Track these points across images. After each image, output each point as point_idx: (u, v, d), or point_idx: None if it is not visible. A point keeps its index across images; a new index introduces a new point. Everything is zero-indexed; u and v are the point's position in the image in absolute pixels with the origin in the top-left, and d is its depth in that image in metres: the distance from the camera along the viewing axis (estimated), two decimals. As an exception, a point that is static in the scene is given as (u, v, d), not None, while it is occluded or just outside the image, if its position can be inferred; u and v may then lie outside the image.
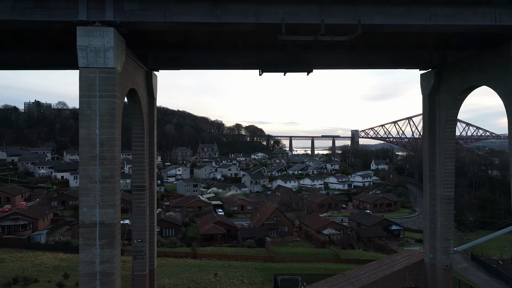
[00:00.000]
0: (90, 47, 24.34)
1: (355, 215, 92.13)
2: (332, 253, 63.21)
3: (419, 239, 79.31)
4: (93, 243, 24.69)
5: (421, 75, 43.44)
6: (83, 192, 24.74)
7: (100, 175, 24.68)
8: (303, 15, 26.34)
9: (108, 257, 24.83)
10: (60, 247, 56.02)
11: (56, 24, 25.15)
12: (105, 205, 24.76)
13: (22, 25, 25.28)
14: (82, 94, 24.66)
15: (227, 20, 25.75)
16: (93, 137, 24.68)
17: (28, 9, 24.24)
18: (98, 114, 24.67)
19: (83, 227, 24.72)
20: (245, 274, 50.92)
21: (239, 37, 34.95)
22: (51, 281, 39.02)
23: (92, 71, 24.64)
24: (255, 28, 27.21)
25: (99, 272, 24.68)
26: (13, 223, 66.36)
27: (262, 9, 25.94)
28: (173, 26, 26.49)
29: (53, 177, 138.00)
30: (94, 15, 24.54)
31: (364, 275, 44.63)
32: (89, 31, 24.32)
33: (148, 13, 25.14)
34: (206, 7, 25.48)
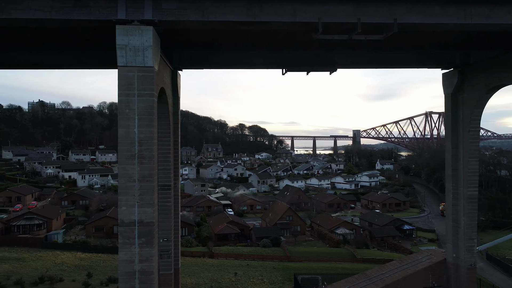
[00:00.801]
0: (129, 46, 24.34)
1: (366, 214, 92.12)
2: (347, 253, 63.21)
3: (431, 238, 79.41)
4: (132, 242, 24.69)
5: (443, 74, 43.40)
6: (122, 191, 24.73)
7: (139, 174, 24.66)
8: (338, 14, 26.32)
9: (147, 256, 24.84)
10: (77, 246, 56.07)
11: (93, 23, 25.18)
12: (144, 204, 24.77)
13: (60, 24, 25.30)
14: (121, 93, 24.64)
15: (264, 19, 25.73)
16: (132, 136, 24.66)
17: (67, 8, 24.22)
18: (137, 113, 24.64)
19: (122, 226, 24.72)
20: (264, 273, 50.95)
21: (263, 36, 35.00)
22: (76, 280, 39.05)
23: (130, 70, 24.63)
24: (290, 27, 27.19)
25: (138, 271, 24.69)
26: (27, 222, 66.42)
27: (299, 8, 25.93)
28: (209, 25, 26.49)
29: (60, 176, 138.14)
30: (133, 14, 24.54)
31: (386, 275, 44.63)
32: (128, 30, 24.32)
33: (185, 12, 25.14)
34: (243, 6, 25.46)
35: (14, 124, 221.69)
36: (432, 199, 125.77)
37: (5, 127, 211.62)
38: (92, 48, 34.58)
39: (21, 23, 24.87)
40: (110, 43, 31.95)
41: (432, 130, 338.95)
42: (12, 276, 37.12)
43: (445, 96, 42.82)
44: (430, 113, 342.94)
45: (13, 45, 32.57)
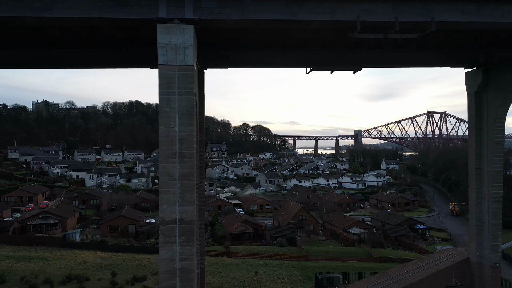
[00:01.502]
0: (170, 45, 24.36)
1: (378, 214, 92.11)
2: (363, 252, 63.21)
3: (444, 238, 79.41)
4: (173, 241, 24.73)
5: (466, 73, 43.34)
6: (163, 190, 24.76)
7: (180, 172, 24.69)
8: (377, 12, 26.33)
9: (188, 254, 24.87)
10: (95, 245, 56.12)
11: (133, 22, 25.19)
12: (185, 202, 24.79)
13: (100, 23, 25.31)
14: (162, 92, 24.67)
15: (302, 17, 25.76)
16: (172, 134, 24.69)
17: (107, 6, 24.26)
18: (177, 111, 24.68)
19: (163, 224, 24.76)
20: (283, 272, 50.98)
21: (290, 35, 35.05)
22: (102, 279, 39.09)
23: (171, 69, 24.66)
24: (328, 25, 27.18)
25: (179, 269, 24.72)
26: (43, 222, 66.51)
27: (337, 6, 25.93)
28: (248, 24, 26.50)
29: (68, 176, 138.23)
30: (173, 12, 24.57)
31: (409, 274, 44.62)
32: (170, 28, 24.34)
33: (225, 11, 25.16)
34: (282, 5, 25.49)
35: (19, 124, 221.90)
36: (440, 199, 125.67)
37: (10, 127, 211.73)
38: (119, 47, 34.75)
39: (60, 21, 24.88)
40: (141, 41, 32.21)
41: (434, 130, 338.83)
42: (40, 275, 37.17)
43: (468, 95, 42.76)
44: (431, 113, 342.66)
45: (42, 44, 32.60)
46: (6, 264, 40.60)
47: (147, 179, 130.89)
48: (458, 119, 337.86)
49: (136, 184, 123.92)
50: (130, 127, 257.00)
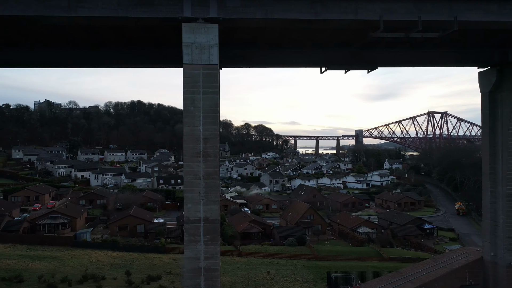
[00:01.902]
0: (195, 44, 24.45)
1: (385, 213, 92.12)
2: (373, 252, 63.26)
3: (452, 237, 79.43)
4: (198, 239, 24.80)
5: (479, 73, 43.38)
6: (188, 188, 24.85)
7: (204, 171, 24.76)
8: (400, 12, 26.41)
9: (212, 253, 24.94)
10: (106, 245, 56.15)
11: (158, 21, 25.24)
12: (209, 201, 24.87)
13: (125, 22, 25.38)
14: (186, 91, 24.76)
15: (326, 16, 25.84)
16: (197, 133, 24.77)
17: (133, 6, 24.32)
18: (202, 110, 24.76)
19: (187, 223, 24.83)
20: (295, 272, 51.04)
21: (307, 35, 35.10)
22: (117, 279, 39.16)
23: (196, 68, 24.74)
24: (351, 25, 27.25)
25: (203, 268, 24.79)
26: (52, 221, 66.56)
27: (360, 6, 26.01)
28: (272, 23, 26.60)
29: (72, 176, 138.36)
30: (198, 12, 24.63)
31: (422, 273, 44.66)
32: (195, 27, 24.41)
33: (249, 10, 25.23)
34: (306, 4, 25.56)
35: (22, 124, 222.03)
36: (445, 199, 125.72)
37: (14, 127, 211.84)
38: (139, 47, 34.84)
39: (86, 21, 24.93)
40: (162, 42, 32.26)
41: (435, 130, 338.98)
42: (56, 274, 37.22)
43: (482, 94, 42.80)
44: (432, 112, 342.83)
45: (64, 43, 32.67)
46: (22, 263, 40.68)
47: (152, 179, 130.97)
48: (459, 119, 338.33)
49: (141, 184, 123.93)
50: (133, 127, 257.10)
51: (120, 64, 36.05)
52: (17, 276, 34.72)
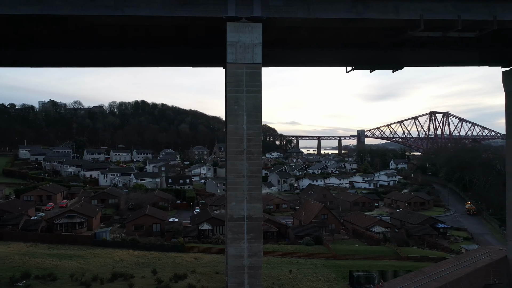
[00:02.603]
0: (239, 43, 24.60)
1: (397, 213, 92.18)
2: (390, 251, 63.32)
3: (466, 237, 79.48)
4: (241, 237, 24.96)
5: (503, 72, 43.41)
6: (231, 187, 25.01)
7: (248, 169, 24.93)
8: (439, 11, 26.56)
9: (256, 250, 25.11)
10: (126, 244, 56.18)
11: (202, 20, 25.42)
12: (252, 200, 25.04)
13: (169, 21, 25.55)
14: (230, 90, 24.92)
15: (368, 16, 26.00)
16: (240, 132, 24.93)
17: (177, 5, 24.49)
18: (245, 109, 24.91)
19: (231, 221, 25.00)
20: (316, 271, 51.14)
21: (336, 34, 35.28)
22: (145, 277, 39.28)
23: (239, 67, 24.89)
24: (391, 24, 27.37)
25: (247, 265, 24.95)
26: (69, 220, 66.70)
27: (401, 5, 26.17)
28: (313, 23, 26.74)
29: (81, 175, 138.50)
30: (242, 11, 24.82)
31: (446, 272, 44.68)
32: (239, 27, 24.57)
33: (292, 9, 25.38)
34: (348, 3, 25.71)
35: (28, 124, 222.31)
36: (453, 198, 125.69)
37: (19, 126, 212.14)
38: (176, 46, 35.14)
39: (132, 20, 25.09)
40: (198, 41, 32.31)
41: (436, 130, 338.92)
42: (86, 273, 37.36)
43: (506, 94, 42.88)
44: (434, 112, 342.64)
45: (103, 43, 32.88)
46: (50, 262, 40.78)
47: (161, 179, 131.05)
48: (461, 119, 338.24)
49: (150, 183, 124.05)
50: (137, 127, 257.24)
51: (156, 64, 36.33)
52: (50, 274, 34.84)
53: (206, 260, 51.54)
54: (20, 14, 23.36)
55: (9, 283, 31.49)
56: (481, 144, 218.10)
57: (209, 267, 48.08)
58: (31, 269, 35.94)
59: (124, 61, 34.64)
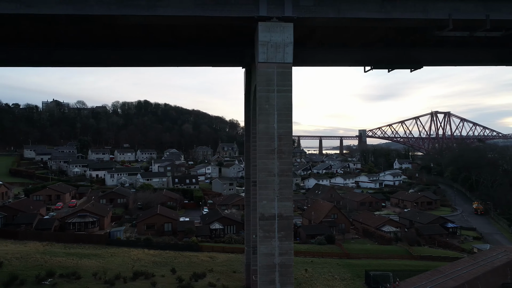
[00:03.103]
0: (271, 43, 24.72)
1: (406, 213, 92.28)
2: (402, 250, 63.46)
3: (476, 236, 79.59)
4: (272, 236, 25.10)
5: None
6: (262, 185, 25.12)
7: (279, 168, 25.06)
8: (467, 10, 26.66)
9: (287, 249, 25.25)
10: (140, 243, 56.36)
11: (233, 20, 25.54)
12: (283, 198, 25.16)
13: (202, 21, 25.67)
14: (260, 89, 25.04)
15: (396, 15, 26.11)
16: (271, 131, 25.05)
17: (209, 5, 24.63)
18: (276, 108, 25.04)
19: (262, 220, 25.12)
20: (331, 270, 51.32)
21: (357, 34, 35.46)
22: (165, 276, 39.44)
23: (270, 66, 25.01)
24: (419, 23, 27.45)
25: (278, 264, 25.09)
26: (81, 220, 66.84)
27: (429, 5, 26.28)
28: (343, 22, 26.85)
29: (87, 175, 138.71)
30: (273, 11, 24.94)
31: (463, 271, 44.78)
32: (270, 26, 24.69)
33: (322, 9, 25.50)
34: (378, 3, 25.83)
35: (32, 124, 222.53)
36: (460, 198, 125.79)
37: (24, 126, 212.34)
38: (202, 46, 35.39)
39: (164, 20, 25.24)
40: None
41: (438, 130, 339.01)
42: (107, 271, 37.52)
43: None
44: (435, 112, 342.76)
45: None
46: (71, 260, 40.93)
47: (167, 178, 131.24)
48: (462, 119, 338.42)
49: (156, 183, 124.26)
50: (141, 126, 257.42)
51: (177, 63, 36.49)
52: (74, 273, 34.99)
53: (222, 259, 51.70)
54: (54, 14, 23.52)
55: (36, 282, 31.68)
56: (485, 143, 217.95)
57: (226, 266, 48.26)
58: (54, 268, 36.08)
59: (147, 61, 34.92)
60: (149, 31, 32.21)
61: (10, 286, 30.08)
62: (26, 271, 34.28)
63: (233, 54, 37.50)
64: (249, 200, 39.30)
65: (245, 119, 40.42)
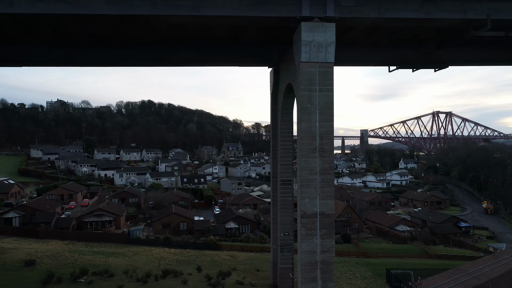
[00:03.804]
0: (313, 42, 24.97)
1: (418, 212, 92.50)
2: (418, 249, 63.69)
3: (489, 236, 79.82)
4: (314, 233, 25.37)
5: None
6: (304, 184, 25.38)
7: (320, 167, 25.32)
8: (505, 11, 26.89)
9: (328, 246, 25.51)
10: (160, 242, 56.65)
11: (276, 20, 25.79)
12: (325, 196, 25.43)
13: (245, 21, 25.97)
14: (303, 88, 25.30)
15: (436, 15, 26.35)
16: (313, 130, 25.31)
17: (253, 5, 24.87)
18: (318, 107, 25.30)
19: (304, 218, 25.41)
20: (352, 268, 51.58)
21: (383, 34, 35.73)
22: (192, 274, 39.73)
23: (312, 66, 25.27)
24: (457, 23, 27.68)
25: (319, 261, 25.34)
26: (98, 219, 67.14)
27: (468, 5, 26.51)
28: (383, 22, 27.10)
29: (95, 175, 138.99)
30: (315, 11, 25.19)
31: (485, 270, 45.04)
32: (313, 27, 24.94)
33: (363, 9, 25.74)
34: (418, 3, 26.07)
35: (38, 123, 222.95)
36: (468, 198, 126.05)
37: (29, 126, 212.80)
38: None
39: (209, 20, 25.51)
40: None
41: (439, 130, 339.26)
42: (137, 270, 37.78)
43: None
44: (437, 112, 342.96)
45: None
46: (99, 259, 41.24)
47: (176, 178, 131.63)
48: (463, 119, 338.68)
49: (165, 183, 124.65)
50: (146, 126, 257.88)
51: (207, 63, 36.82)
52: (106, 271, 35.29)
53: (242, 258, 51.97)
54: (99, 14, 23.80)
55: (71, 279, 31.95)
56: (491, 143, 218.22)
57: (248, 265, 48.52)
58: (85, 266, 36.37)
59: (181, 61, 35.20)
60: (180, 32, 32.58)
61: (48, 283, 30.40)
62: (59, 269, 34.55)
63: (261, 53, 37.85)
64: (276, 198, 39.56)
65: (271, 118, 40.66)
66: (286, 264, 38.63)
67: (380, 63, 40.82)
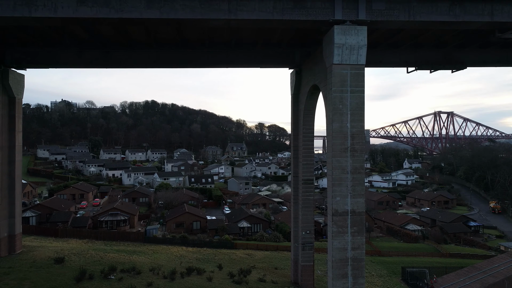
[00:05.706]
0: (346, 45, 25.67)
1: (427, 211, 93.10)
2: (430, 248, 64.35)
3: (499, 235, 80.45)
4: (345, 231, 26.08)
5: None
6: (336, 183, 26.09)
7: (352, 166, 26.04)
8: (532, 14, 27.59)
9: (359, 244, 26.22)
10: (176, 241, 57.38)
11: (308, 24, 26.52)
12: (356, 195, 26.14)
13: (279, 24, 26.66)
14: (335, 90, 26.01)
15: (464, 18, 27.04)
16: (345, 130, 26.03)
17: (288, 9, 25.62)
18: (349, 108, 26.02)
19: (336, 215, 26.11)
20: (367, 267, 52.12)
21: (404, 36, 36.48)
22: (214, 271, 40.38)
23: (344, 68, 26.00)
24: (484, 26, 28.35)
25: (350, 258, 26.06)
26: (113, 218, 67.92)
27: (496, 8, 27.19)
28: (413, 25, 27.77)
29: (103, 174, 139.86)
30: (347, 14, 25.93)
31: (500, 268, 45.63)
32: (345, 29, 25.65)
33: (393, 12, 26.46)
34: (446, 6, 26.78)
35: (43, 124, 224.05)
36: (475, 197, 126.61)
37: (35, 126, 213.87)
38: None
39: (244, 23, 26.23)
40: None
41: (441, 130, 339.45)
42: (161, 267, 38.49)
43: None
44: (438, 112, 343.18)
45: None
46: (123, 257, 41.93)
47: (184, 178, 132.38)
48: (465, 119, 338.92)
49: (173, 182, 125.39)
50: (150, 126, 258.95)
51: (233, 65, 37.54)
52: (133, 268, 35.98)
53: (259, 257, 52.68)
54: (141, 18, 24.54)
55: (102, 276, 32.64)
56: (496, 143, 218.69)
57: (266, 263, 49.23)
58: (113, 263, 37.10)
59: (209, 62, 35.93)
60: (210, 35, 33.36)
61: (81, 280, 31.09)
62: (87, 266, 35.25)
63: (284, 55, 38.65)
64: (297, 197, 40.23)
65: (292, 119, 41.35)
66: (308, 262, 39.37)
67: (400, 64, 41.45)
